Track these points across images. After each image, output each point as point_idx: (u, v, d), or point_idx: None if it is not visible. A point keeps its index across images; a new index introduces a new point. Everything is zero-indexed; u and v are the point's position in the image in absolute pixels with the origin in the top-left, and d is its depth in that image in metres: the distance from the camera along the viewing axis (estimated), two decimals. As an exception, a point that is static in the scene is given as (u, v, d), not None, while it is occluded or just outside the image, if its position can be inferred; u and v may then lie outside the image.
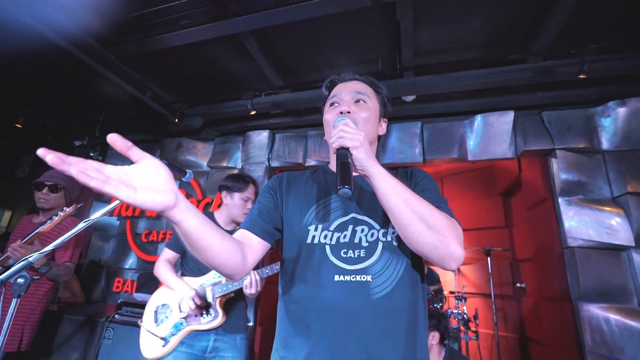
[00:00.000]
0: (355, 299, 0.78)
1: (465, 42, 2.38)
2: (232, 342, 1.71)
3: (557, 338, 2.56)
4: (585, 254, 2.31)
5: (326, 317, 0.78)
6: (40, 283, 1.90)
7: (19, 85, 3.11)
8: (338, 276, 0.80)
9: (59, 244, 1.18)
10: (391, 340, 0.76)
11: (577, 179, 2.47)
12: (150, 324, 1.72)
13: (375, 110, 0.98)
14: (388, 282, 0.80)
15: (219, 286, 1.71)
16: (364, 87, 1.00)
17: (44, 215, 2.05)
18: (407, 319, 0.79)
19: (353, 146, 0.75)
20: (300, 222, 0.90)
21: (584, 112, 2.59)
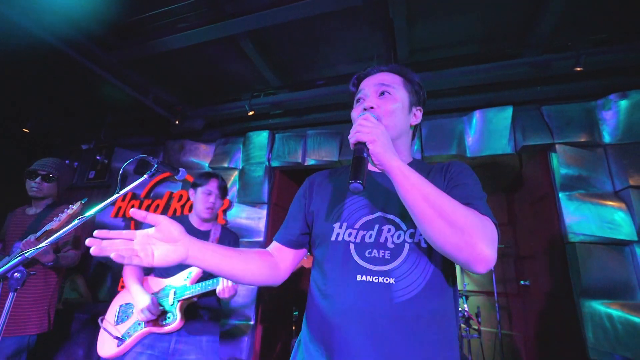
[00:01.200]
0: (376, 300, 0.74)
1: (461, 37, 2.38)
2: (196, 344, 1.66)
3: (560, 335, 2.53)
4: (587, 249, 2.28)
5: (348, 316, 0.75)
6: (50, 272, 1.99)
7: (26, 90, 3.21)
8: (360, 276, 0.77)
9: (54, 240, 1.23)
10: (412, 347, 0.71)
11: (578, 173, 2.44)
12: (111, 321, 1.70)
13: (403, 100, 0.93)
14: (413, 287, 0.75)
15: (182, 289, 1.67)
16: (389, 77, 0.95)
17: (36, 205, 2.08)
18: (434, 326, 0.74)
19: (369, 140, 0.72)
20: (324, 220, 0.89)
21: (585, 105, 2.55)
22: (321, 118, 3.26)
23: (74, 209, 1.67)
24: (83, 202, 1.70)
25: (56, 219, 1.68)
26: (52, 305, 2.02)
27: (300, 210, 0.97)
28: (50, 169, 2.08)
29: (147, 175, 1.47)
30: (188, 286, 1.67)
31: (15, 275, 1.13)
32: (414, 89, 0.97)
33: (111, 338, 1.63)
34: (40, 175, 2.06)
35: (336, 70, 2.83)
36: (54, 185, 2.11)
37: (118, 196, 1.36)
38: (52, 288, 2.02)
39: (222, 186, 1.90)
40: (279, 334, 3.24)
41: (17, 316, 1.81)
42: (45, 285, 1.96)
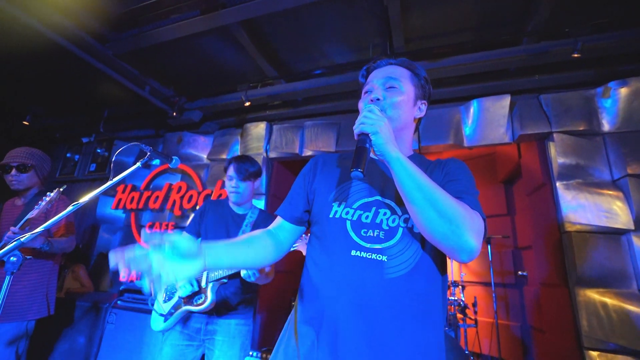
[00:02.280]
0: (367, 275, 0.79)
1: (457, 25, 2.35)
2: (224, 327, 1.73)
3: (555, 324, 2.53)
4: (583, 238, 2.27)
5: (339, 288, 0.80)
6: (46, 257, 2.00)
7: (25, 84, 3.24)
8: (355, 251, 0.82)
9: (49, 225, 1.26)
10: (399, 322, 0.76)
11: (576, 162, 2.42)
12: (160, 300, 1.85)
13: (409, 93, 0.96)
14: (403, 266, 0.80)
15: (213, 271, 1.74)
16: (398, 70, 0.98)
17: (24, 196, 2.06)
18: (420, 306, 0.79)
19: (372, 132, 0.77)
20: (325, 198, 0.93)
21: (583, 93, 2.51)
22: (318, 109, 3.25)
23: (51, 196, 1.68)
24: (61, 190, 1.72)
25: (36, 207, 1.69)
26: (50, 292, 2.04)
27: (304, 188, 1.01)
28: (23, 159, 1.99)
29: (141, 163, 1.49)
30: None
31: (12, 259, 1.17)
32: (420, 83, 1.00)
33: (157, 315, 1.79)
34: (13, 167, 1.98)
35: (332, 60, 2.81)
36: (33, 174, 2.04)
37: (111, 184, 1.38)
38: (49, 274, 2.03)
39: (240, 169, 1.84)
40: (278, 323, 3.29)
41: (15, 303, 1.84)
42: (41, 271, 1.98)
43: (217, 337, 1.70)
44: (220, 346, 1.68)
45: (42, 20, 2.21)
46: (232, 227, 1.88)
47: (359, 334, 0.76)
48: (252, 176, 1.88)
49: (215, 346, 1.69)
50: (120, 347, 2.26)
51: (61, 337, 2.48)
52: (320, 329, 0.80)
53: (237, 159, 1.90)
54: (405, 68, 0.99)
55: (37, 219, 1.75)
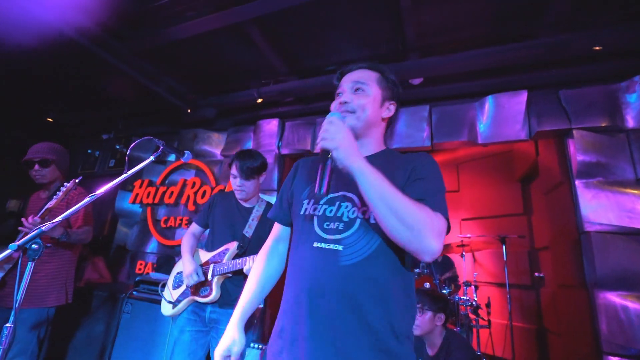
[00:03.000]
0: (325, 263, 0.87)
1: (471, 18, 2.29)
2: (226, 316, 1.78)
3: (573, 328, 2.45)
4: (604, 239, 2.18)
5: (303, 277, 0.89)
6: (65, 248, 2.10)
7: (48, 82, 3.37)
8: (317, 243, 0.90)
9: (67, 215, 1.32)
10: (354, 305, 0.83)
11: (597, 160, 2.32)
12: (170, 287, 1.95)
13: (375, 95, 1.01)
14: (357, 254, 0.86)
15: (218, 265, 1.80)
16: (365, 74, 1.04)
17: (47, 190, 2.18)
18: (375, 291, 0.84)
19: (332, 147, 0.82)
20: (299, 197, 1.02)
21: (606, 88, 2.41)
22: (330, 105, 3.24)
23: (68, 186, 1.76)
24: (77, 181, 1.80)
25: (54, 197, 1.77)
26: (69, 281, 2.13)
27: (286, 192, 1.11)
28: (44, 154, 2.10)
29: (154, 156, 1.53)
30: (224, 262, 1.80)
31: (33, 247, 1.22)
32: (388, 85, 1.05)
33: (166, 302, 1.90)
34: (35, 162, 2.09)
35: (344, 56, 2.80)
36: (54, 168, 2.15)
37: (126, 177, 1.44)
38: (67, 263, 2.13)
39: (244, 167, 1.84)
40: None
41: (36, 290, 1.94)
42: (60, 260, 2.07)
43: (221, 327, 1.76)
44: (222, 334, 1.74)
45: (63, 19, 2.29)
46: (238, 220, 1.91)
47: (318, 318, 0.84)
48: (255, 173, 1.88)
49: (218, 335, 1.75)
50: (136, 335, 2.34)
51: (80, 325, 2.59)
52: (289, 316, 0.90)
53: (240, 156, 1.88)
54: (374, 71, 1.05)
55: (57, 209, 1.83)
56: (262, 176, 1.95)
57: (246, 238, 1.85)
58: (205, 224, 1.99)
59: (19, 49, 2.65)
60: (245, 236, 1.85)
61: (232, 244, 1.82)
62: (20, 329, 1.88)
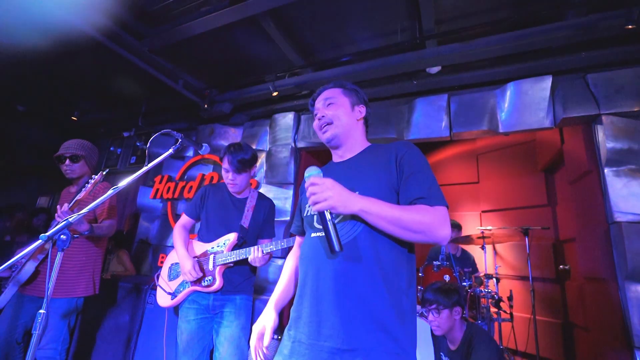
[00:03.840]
0: (322, 249, 1.01)
1: (493, 1, 2.21)
2: (230, 301, 1.85)
3: (601, 322, 2.35)
4: (636, 229, 2.08)
5: (307, 263, 1.06)
6: (93, 240, 2.19)
7: (72, 81, 3.49)
8: (314, 233, 1.07)
9: (93, 207, 1.36)
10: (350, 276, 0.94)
11: (628, 146, 2.21)
12: (164, 277, 2.00)
13: (344, 104, 1.18)
14: (346, 236, 0.98)
15: (220, 255, 1.85)
16: (331, 92, 1.21)
17: (76, 184, 2.29)
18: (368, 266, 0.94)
19: (328, 207, 0.89)
20: (305, 202, 1.17)
21: (638, 70, 2.28)
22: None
23: (95, 179, 1.82)
24: (104, 173, 1.85)
25: (83, 189, 1.85)
26: (96, 272, 2.23)
27: (300, 202, 1.28)
28: (74, 150, 2.20)
29: (172, 149, 1.56)
30: (225, 253, 1.85)
31: (62, 237, 1.28)
32: (351, 93, 1.21)
33: (165, 293, 1.94)
34: (67, 157, 2.20)
35: (359, 47, 2.76)
36: (83, 163, 2.25)
37: (147, 169, 1.48)
38: (94, 256, 2.22)
39: (235, 161, 1.86)
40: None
41: (65, 281, 2.03)
42: (86, 253, 2.16)
43: (225, 310, 1.84)
44: (227, 317, 1.82)
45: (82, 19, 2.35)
46: (233, 212, 1.95)
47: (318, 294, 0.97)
48: (247, 166, 1.91)
49: (223, 318, 1.83)
50: (160, 325, 2.41)
51: (108, 315, 2.69)
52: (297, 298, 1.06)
53: (231, 150, 1.90)
54: (337, 87, 1.22)
55: (85, 201, 1.90)
56: (254, 169, 1.99)
57: (244, 228, 1.91)
58: (197, 216, 2.03)
59: (41, 50, 2.75)
60: (243, 227, 1.91)
61: (232, 234, 1.88)
62: (52, 318, 1.98)
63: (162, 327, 2.41)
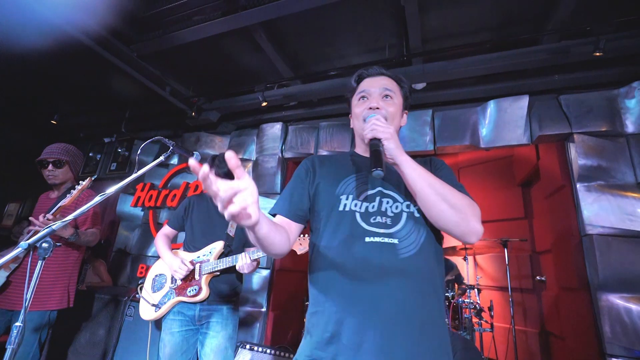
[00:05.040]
0: (385, 257, 0.86)
1: (475, 24, 2.34)
2: (217, 311, 1.83)
3: (576, 330, 2.46)
4: (606, 241, 2.21)
5: (360, 274, 0.86)
6: (70, 250, 2.08)
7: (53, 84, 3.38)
8: (369, 238, 0.88)
9: (78, 214, 1.32)
10: (416, 297, 0.84)
11: (597, 163, 2.36)
12: (148, 289, 1.94)
13: (400, 105, 1.06)
14: (412, 247, 0.88)
15: (206, 264, 1.84)
16: (390, 82, 1.06)
17: (57, 190, 2.18)
18: (428, 282, 0.87)
19: (385, 138, 0.87)
20: (332, 192, 0.98)
21: (606, 94, 2.46)
22: (334, 110, 3.28)
23: (83, 184, 1.75)
24: (93, 179, 1.80)
25: (68, 195, 1.77)
26: (71, 284, 2.12)
27: (304, 187, 1.04)
28: (58, 155, 2.12)
29: (163, 156, 1.54)
30: (212, 261, 1.84)
31: (44, 245, 1.23)
32: (406, 95, 1.10)
33: (149, 305, 1.88)
34: (50, 162, 2.11)
35: (348, 61, 2.84)
36: (67, 169, 2.17)
37: (136, 176, 1.44)
38: (71, 266, 2.11)
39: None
40: (291, 322, 3.30)
41: (39, 292, 1.93)
42: (64, 262, 2.06)
43: (212, 320, 1.81)
44: (214, 327, 1.80)
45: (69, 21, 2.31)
46: (218, 221, 1.95)
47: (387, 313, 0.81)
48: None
49: (209, 328, 1.80)
50: (139, 339, 2.32)
51: (82, 329, 2.56)
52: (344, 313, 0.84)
53: (217, 162, 1.86)
54: (395, 81, 1.08)
55: (68, 208, 1.83)
56: None
57: (230, 237, 1.91)
58: (181, 227, 2.02)
59: (24, 51, 2.66)
60: (229, 235, 1.91)
61: (218, 243, 1.87)
62: (22, 332, 1.86)
63: (142, 341, 2.32)
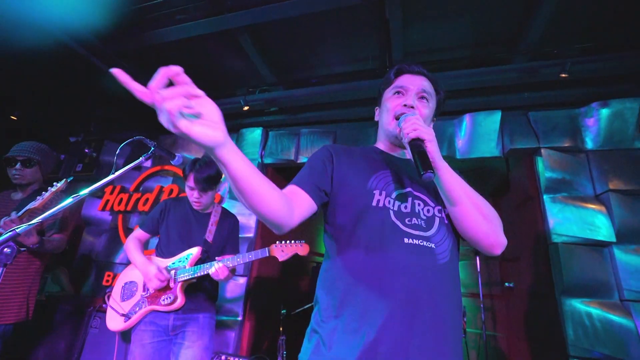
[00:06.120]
0: (424, 259, 0.82)
1: (454, 41, 2.46)
2: (193, 320, 1.76)
3: (542, 334, 2.59)
4: (569, 249, 2.36)
5: (398, 274, 0.80)
6: (32, 257, 1.92)
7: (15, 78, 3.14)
8: (407, 239, 0.83)
9: (47, 217, 1.21)
10: (451, 303, 0.82)
11: (562, 177, 2.53)
12: (117, 299, 1.82)
13: (432, 109, 1.02)
14: (446, 252, 0.86)
15: (182, 271, 1.76)
16: (429, 85, 1.02)
17: (22, 191, 2.00)
18: (457, 288, 0.86)
19: (429, 139, 0.81)
20: (363, 186, 0.92)
21: (569, 112, 2.66)
22: (315, 117, 3.30)
23: (58, 186, 1.60)
24: (69, 180, 1.66)
25: (39, 197, 1.61)
26: (32, 294, 1.95)
27: (326, 169, 0.95)
28: (29, 153, 1.96)
29: (144, 157, 1.47)
30: (187, 268, 1.75)
31: (6, 250, 1.12)
32: (440, 102, 1.06)
33: (118, 315, 1.75)
34: (18, 161, 1.94)
35: (331, 70, 2.88)
36: (36, 169, 2.00)
37: (113, 177, 1.36)
38: (32, 275, 1.95)
39: (200, 179, 1.78)
40: (267, 331, 3.22)
41: None
42: (24, 271, 1.89)
43: (187, 329, 1.74)
44: (189, 337, 1.72)
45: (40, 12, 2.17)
46: (195, 227, 1.89)
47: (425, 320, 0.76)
48: (213, 183, 1.86)
49: (185, 338, 1.72)
50: (105, 352, 2.17)
51: (40, 342, 2.35)
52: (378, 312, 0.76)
53: (197, 167, 1.83)
54: (433, 85, 1.03)
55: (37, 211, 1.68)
56: (219, 184, 1.94)
57: (208, 243, 1.85)
58: (155, 231, 1.93)
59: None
60: (207, 241, 1.85)
61: (195, 249, 1.80)
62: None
63: (107, 354, 2.17)
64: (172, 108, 0.48)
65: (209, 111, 0.55)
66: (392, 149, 1.04)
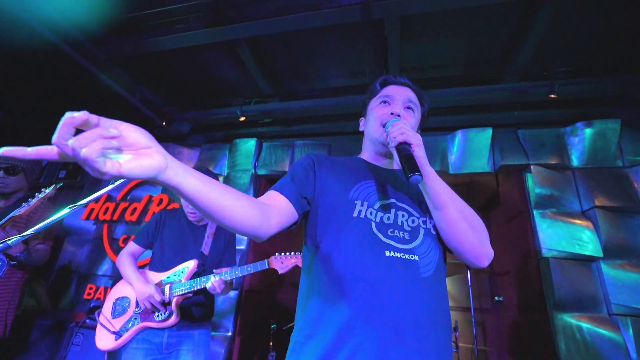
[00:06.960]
0: (407, 274, 0.78)
1: (448, 60, 2.54)
2: (188, 337, 1.69)
3: (533, 348, 2.62)
4: (559, 264, 2.42)
5: (378, 289, 0.76)
6: (14, 269, 1.81)
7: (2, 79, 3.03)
8: (389, 252, 0.80)
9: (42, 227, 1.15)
10: (435, 317, 0.77)
11: (550, 193, 2.61)
12: (108, 315, 1.73)
13: (418, 120, 1.02)
14: (431, 265, 0.82)
15: (177, 285, 1.70)
16: (414, 96, 1.03)
17: (5, 199, 1.91)
18: (444, 302, 0.82)
19: (416, 143, 0.80)
20: (344, 195, 0.89)
21: (556, 131, 2.77)
22: (309, 129, 3.31)
23: (46, 192, 1.51)
24: (58, 187, 1.58)
25: (25, 204, 1.52)
26: (10, 309, 1.83)
27: (308, 176, 0.93)
28: (14, 160, 1.87)
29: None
30: (183, 282, 1.69)
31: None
32: (424, 114, 1.07)
33: (108, 333, 1.66)
34: (2, 168, 1.85)
35: (328, 83, 2.91)
36: (22, 177, 1.92)
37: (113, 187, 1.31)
38: (13, 288, 1.83)
39: None
40: (257, 347, 3.12)
41: None
42: (4, 286, 1.78)
43: (182, 347, 1.66)
44: (184, 355, 1.65)
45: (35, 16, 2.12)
46: (190, 239, 1.84)
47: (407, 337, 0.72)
48: None
49: (179, 357, 1.65)
50: (87, 371, 2.04)
51: None
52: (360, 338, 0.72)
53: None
54: (418, 97, 1.05)
55: (21, 218, 1.59)
56: None
57: (204, 255, 1.80)
58: (150, 244, 1.87)
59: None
60: (203, 254, 1.80)
61: (191, 262, 1.74)
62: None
63: (89, 373, 2.05)
64: (90, 154, 0.42)
65: (134, 138, 0.48)
66: (376, 159, 1.02)
